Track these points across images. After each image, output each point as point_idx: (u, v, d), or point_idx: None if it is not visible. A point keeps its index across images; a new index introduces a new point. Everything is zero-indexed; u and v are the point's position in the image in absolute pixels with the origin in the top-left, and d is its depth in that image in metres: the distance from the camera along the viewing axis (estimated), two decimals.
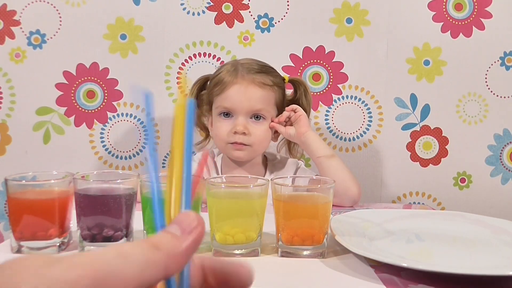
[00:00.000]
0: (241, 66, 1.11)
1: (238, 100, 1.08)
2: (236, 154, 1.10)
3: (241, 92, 1.08)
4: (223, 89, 1.09)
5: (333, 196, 1.06)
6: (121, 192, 0.71)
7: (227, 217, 0.72)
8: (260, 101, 1.09)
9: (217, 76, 1.13)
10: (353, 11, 1.43)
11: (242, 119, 1.08)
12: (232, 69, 1.11)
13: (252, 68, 1.11)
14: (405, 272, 0.65)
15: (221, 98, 1.10)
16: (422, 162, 1.49)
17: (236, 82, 1.09)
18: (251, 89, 1.09)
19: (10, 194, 0.71)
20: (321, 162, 1.10)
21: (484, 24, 1.44)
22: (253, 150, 1.11)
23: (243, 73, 1.10)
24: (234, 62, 1.15)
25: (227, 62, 1.18)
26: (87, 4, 1.40)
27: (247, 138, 1.08)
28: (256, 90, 1.09)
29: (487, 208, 1.48)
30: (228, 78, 1.10)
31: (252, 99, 1.08)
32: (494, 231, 0.83)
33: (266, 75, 1.11)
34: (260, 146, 1.12)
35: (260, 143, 1.11)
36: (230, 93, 1.09)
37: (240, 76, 1.09)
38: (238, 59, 1.18)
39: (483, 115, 1.48)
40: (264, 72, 1.12)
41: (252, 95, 1.09)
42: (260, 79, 1.10)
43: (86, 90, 1.42)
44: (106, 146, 1.44)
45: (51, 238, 0.71)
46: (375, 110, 1.46)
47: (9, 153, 1.42)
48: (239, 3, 1.42)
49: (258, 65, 1.13)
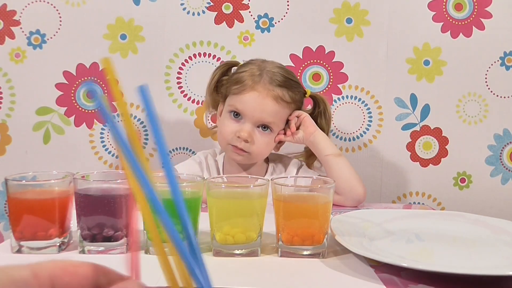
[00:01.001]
0: (266, 73, 1.08)
1: (251, 108, 1.07)
2: (233, 156, 1.11)
3: (257, 102, 1.06)
4: (241, 91, 1.07)
5: (338, 194, 1.07)
6: (121, 192, 0.71)
7: (227, 217, 0.72)
8: (272, 115, 1.08)
9: (240, 74, 1.10)
10: (353, 11, 1.43)
11: (249, 126, 1.07)
12: (257, 74, 1.08)
13: (275, 79, 1.08)
14: (405, 272, 0.65)
15: (237, 98, 1.08)
16: (422, 162, 1.49)
17: (256, 89, 1.07)
18: (268, 102, 1.07)
19: (10, 194, 0.71)
20: (328, 160, 1.11)
21: (484, 24, 1.44)
22: (252, 157, 1.11)
23: (265, 82, 1.07)
24: (261, 65, 1.11)
25: (255, 61, 1.14)
26: (87, 4, 1.40)
27: (249, 145, 1.08)
28: (273, 104, 1.07)
29: (487, 208, 1.48)
30: (249, 82, 1.07)
31: (265, 111, 1.07)
32: (494, 231, 0.83)
33: (288, 90, 1.09)
34: (259, 156, 1.12)
35: (260, 152, 1.11)
36: (246, 98, 1.07)
37: (262, 85, 1.07)
38: (267, 62, 1.13)
39: (483, 115, 1.48)
40: (286, 87, 1.09)
41: (266, 107, 1.07)
42: (279, 93, 1.07)
43: (86, 90, 1.42)
44: (106, 146, 1.44)
45: (51, 238, 0.71)
46: (375, 110, 1.46)
47: (9, 153, 1.42)
48: (239, 3, 1.42)
49: (283, 76, 1.09)
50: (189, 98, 1.44)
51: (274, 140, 1.12)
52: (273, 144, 1.13)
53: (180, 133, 1.45)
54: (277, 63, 1.15)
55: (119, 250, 0.71)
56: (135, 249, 0.32)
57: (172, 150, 1.46)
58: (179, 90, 1.44)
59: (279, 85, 1.08)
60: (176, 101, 1.44)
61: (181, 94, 1.44)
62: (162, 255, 0.29)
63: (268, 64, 1.12)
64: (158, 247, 0.29)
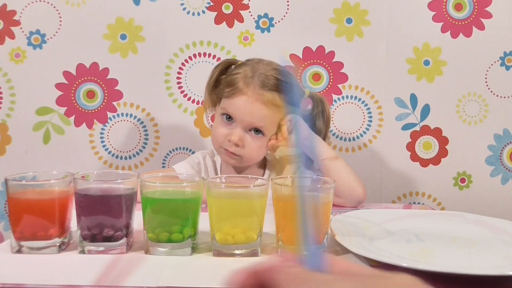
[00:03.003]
0: (258, 77, 1.06)
1: (241, 112, 1.05)
2: (226, 159, 1.10)
3: (246, 106, 1.05)
4: (232, 94, 1.06)
5: (338, 197, 1.07)
6: (121, 192, 0.71)
7: (227, 217, 0.72)
8: (262, 120, 1.06)
9: (234, 76, 1.08)
10: (353, 11, 1.43)
11: (239, 131, 1.06)
12: (249, 76, 1.06)
13: (267, 83, 1.05)
14: (405, 272, 0.65)
15: (228, 102, 1.07)
16: (422, 162, 1.49)
17: (246, 93, 1.05)
18: (257, 106, 1.05)
19: (10, 194, 0.71)
20: (325, 164, 1.10)
21: (484, 24, 1.44)
22: (243, 161, 1.10)
23: (256, 86, 1.05)
24: (255, 67, 1.08)
25: (250, 61, 1.11)
26: (87, 4, 1.40)
27: (239, 149, 1.07)
28: (262, 108, 1.05)
29: (487, 208, 1.48)
30: (240, 85, 1.06)
31: (255, 116, 1.05)
32: (494, 231, 0.83)
33: (279, 94, 1.05)
34: (250, 160, 1.11)
35: (251, 157, 1.10)
36: (236, 102, 1.06)
37: (252, 89, 1.05)
38: (262, 62, 1.10)
39: (483, 115, 1.48)
40: (277, 91, 1.06)
41: (256, 112, 1.05)
42: (270, 98, 1.05)
43: (86, 90, 1.42)
44: (106, 146, 1.44)
45: (51, 238, 0.70)
46: (375, 110, 1.46)
47: (9, 153, 1.42)
48: (239, 3, 1.42)
49: (275, 79, 1.06)
50: (189, 98, 1.44)
51: (268, 145, 1.10)
52: (265, 148, 1.11)
53: (180, 133, 1.45)
54: (274, 63, 1.11)
55: (119, 250, 0.71)
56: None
57: (172, 150, 1.46)
58: (179, 90, 1.44)
59: (270, 89, 1.05)
60: (176, 101, 1.44)
61: (181, 94, 1.44)
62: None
63: (263, 65, 1.09)
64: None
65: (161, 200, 0.73)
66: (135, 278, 0.62)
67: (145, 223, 0.72)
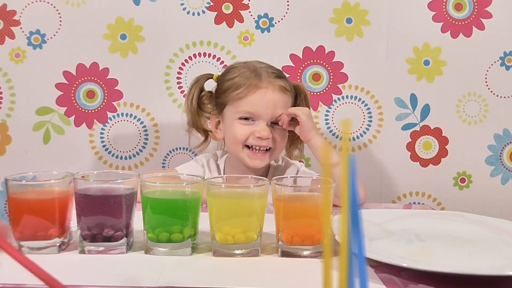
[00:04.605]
0: (262, 70, 1.08)
1: (263, 105, 1.05)
2: (251, 162, 1.08)
3: (266, 98, 1.05)
4: (247, 93, 1.06)
5: (338, 197, 1.06)
6: (121, 192, 0.71)
7: (227, 217, 0.72)
8: (282, 107, 1.07)
9: (234, 80, 1.08)
10: (353, 11, 1.43)
11: (264, 125, 1.06)
12: (253, 74, 1.07)
13: (271, 72, 1.08)
14: (405, 272, 0.65)
15: (244, 102, 1.06)
16: (422, 162, 1.49)
17: (261, 86, 1.06)
18: (276, 95, 1.06)
19: (10, 194, 0.71)
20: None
21: (484, 24, 1.44)
22: (273, 155, 1.10)
23: (267, 77, 1.07)
24: (249, 66, 1.10)
25: (236, 66, 1.12)
26: (87, 4, 1.40)
27: (271, 141, 1.07)
28: (280, 95, 1.07)
29: (487, 208, 1.48)
30: (251, 81, 1.06)
31: (277, 105, 1.06)
32: (494, 231, 0.83)
33: (284, 80, 1.09)
34: (279, 151, 1.12)
35: (281, 147, 1.11)
36: (255, 98, 1.06)
37: (265, 81, 1.06)
38: (248, 62, 1.12)
39: (483, 115, 1.48)
40: (281, 77, 1.10)
41: (278, 101, 1.06)
42: (282, 84, 1.07)
43: (86, 90, 1.42)
44: (106, 146, 1.44)
45: (51, 238, 0.71)
46: (375, 110, 1.46)
47: (9, 153, 1.42)
48: (239, 3, 1.42)
49: (274, 68, 1.10)
50: None
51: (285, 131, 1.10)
52: (287, 136, 1.12)
53: (180, 133, 1.45)
54: (258, 61, 1.13)
55: (119, 250, 0.71)
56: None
57: (172, 150, 1.46)
58: (179, 90, 1.44)
59: (277, 76, 1.09)
60: (176, 101, 1.44)
61: (181, 94, 1.44)
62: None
63: (253, 63, 1.11)
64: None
65: (161, 200, 0.73)
66: (135, 278, 0.62)
67: (145, 223, 0.72)
